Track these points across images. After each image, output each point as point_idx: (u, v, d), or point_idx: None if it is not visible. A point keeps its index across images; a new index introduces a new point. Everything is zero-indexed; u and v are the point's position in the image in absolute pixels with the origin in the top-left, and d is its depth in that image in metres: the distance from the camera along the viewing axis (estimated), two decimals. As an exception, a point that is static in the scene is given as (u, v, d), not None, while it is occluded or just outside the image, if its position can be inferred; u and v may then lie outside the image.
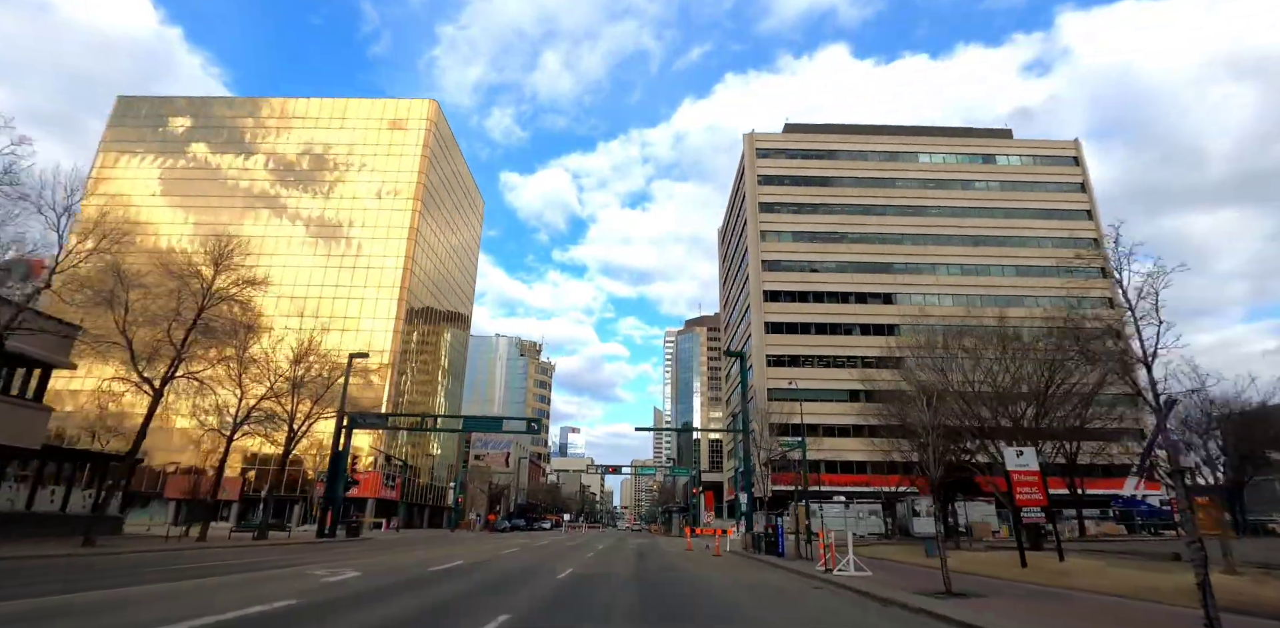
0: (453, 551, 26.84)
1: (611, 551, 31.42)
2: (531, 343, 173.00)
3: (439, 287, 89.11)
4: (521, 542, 37.93)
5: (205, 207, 79.40)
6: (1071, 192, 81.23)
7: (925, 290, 75.33)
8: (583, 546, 35.62)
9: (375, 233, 77.92)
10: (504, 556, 24.23)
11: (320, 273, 76.03)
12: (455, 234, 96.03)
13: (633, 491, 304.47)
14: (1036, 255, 76.55)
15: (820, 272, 76.48)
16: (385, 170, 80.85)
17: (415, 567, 17.52)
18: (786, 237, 77.85)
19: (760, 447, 50.21)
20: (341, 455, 38.75)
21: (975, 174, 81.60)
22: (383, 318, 73.46)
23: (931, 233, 78.35)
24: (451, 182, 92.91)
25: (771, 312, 74.21)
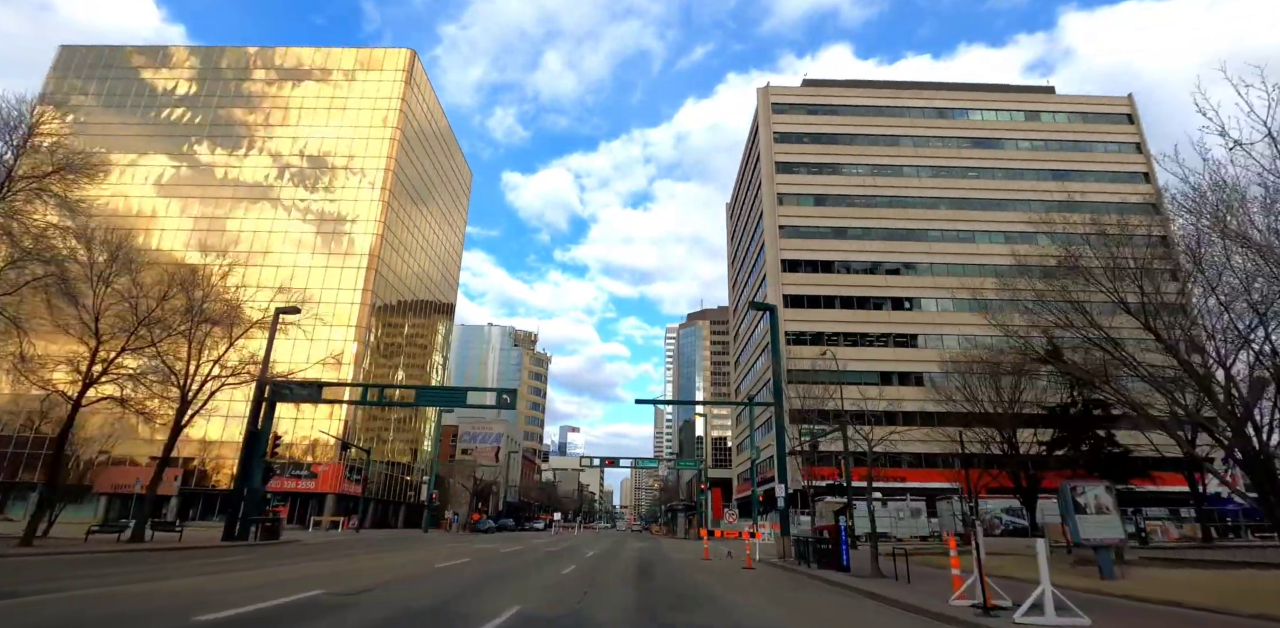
0: (359, 565, 18.09)
1: (603, 562, 22.64)
2: (526, 333, 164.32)
3: (417, 260, 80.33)
4: (487, 548, 29.18)
5: (152, 165, 70.60)
6: (1126, 152, 72.39)
7: (965, 259, 66.45)
8: (567, 553, 26.86)
9: (342, 195, 69.11)
10: (429, 574, 15.50)
11: (280, 238, 67.25)
12: (437, 201, 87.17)
13: (633, 489, 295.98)
14: (1091, 223, 67.49)
15: (845, 239, 67.66)
16: (355, 126, 72.04)
17: (187, 604, 8.73)
18: (807, 200, 69.02)
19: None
20: (259, 436, 30.02)
21: (1018, 133, 72.75)
22: (349, 289, 64.65)
23: (971, 196, 69.53)
24: (432, 143, 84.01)
25: (790, 283, 65.40)
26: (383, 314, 68.48)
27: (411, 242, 76.53)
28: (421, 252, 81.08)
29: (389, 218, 69.37)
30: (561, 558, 23.12)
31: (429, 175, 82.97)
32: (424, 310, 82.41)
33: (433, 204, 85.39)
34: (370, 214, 67.86)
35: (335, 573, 14.93)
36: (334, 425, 59.97)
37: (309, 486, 58.50)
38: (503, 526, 79.65)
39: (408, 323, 76.67)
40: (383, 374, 70.44)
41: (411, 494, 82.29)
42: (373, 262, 65.91)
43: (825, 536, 21.38)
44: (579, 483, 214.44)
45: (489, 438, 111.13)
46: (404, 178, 73.98)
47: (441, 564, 18.02)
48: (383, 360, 70.32)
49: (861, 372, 62.65)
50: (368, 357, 66.95)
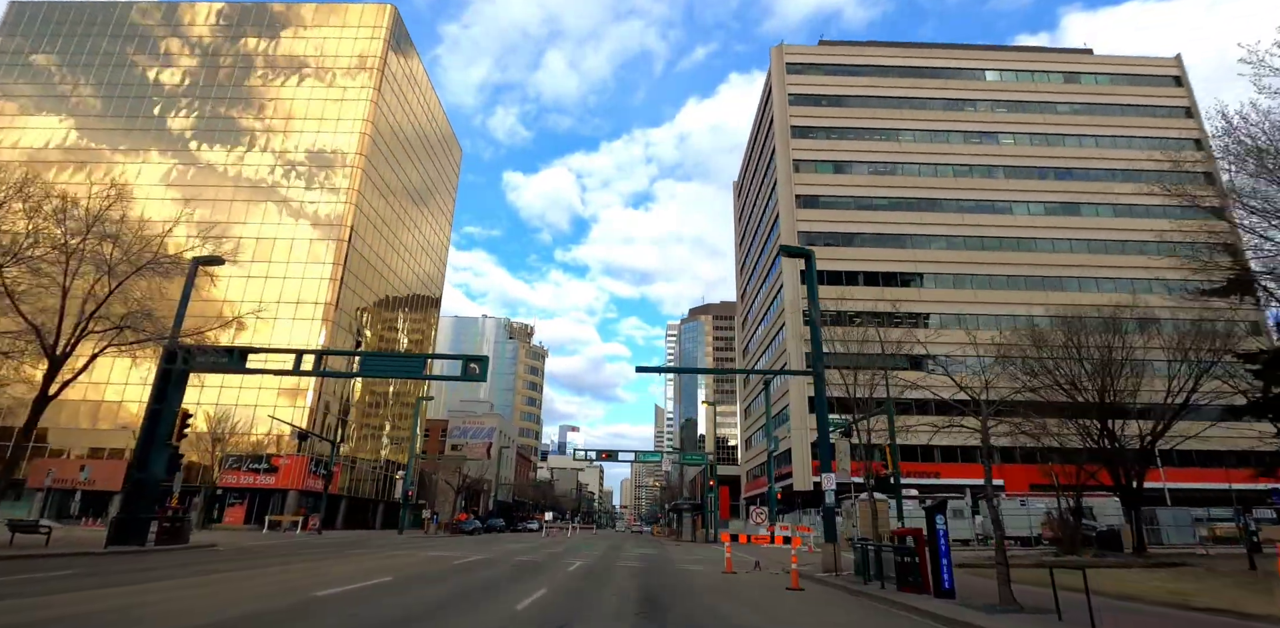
0: (241, 587, 11.63)
1: (591, 580, 16.20)
2: (522, 326, 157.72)
3: (399, 236, 73.86)
4: (443, 556, 22.76)
5: (109, 129, 64.18)
6: (1175, 117, 65.87)
7: (1003, 231, 59.98)
8: (546, 564, 20.47)
9: (315, 160, 62.63)
10: (290, 610, 9.05)
11: (243, 208, 60.78)
12: (419, 171, 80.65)
13: (632, 488, 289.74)
14: (1140, 192, 61.02)
15: (870, 209, 61.17)
16: (328, 85, 65.57)
17: None
18: (826, 168, 62.53)
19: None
20: (161, 415, 23.59)
21: (1057, 95, 66.23)
22: (317, 263, 58.18)
23: (1007, 164, 63.06)
24: (415, 110, 77.51)
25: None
26: (358, 293, 62.02)
27: (391, 215, 70.02)
28: (405, 229, 74.61)
29: (365, 187, 62.92)
30: (533, 574, 16.66)
31: (413, 146, 76.53)
32: (409, 296, 75.93)
33: (417, 178, 78.95)
34: (343, 182, 61.41)
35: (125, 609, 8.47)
36: (298, 414, 53.48)
37: (268, 481, 52.03)
38: (491, 526, 73.13)
39: (395, 314, 70.22)
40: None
41: (392, 493, 75.83)
42: (345, 234, 59.43)
43: (908, 543, 14.92)
44: (577, 482, 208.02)
45: (480, 433, 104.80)
46: (383, 145, 67.56)
47: (329, 592, 11.56)
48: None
49: (889, 356, 56.23)
50: (343, 342, 60.52)
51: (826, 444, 22.62)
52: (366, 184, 63.17)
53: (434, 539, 39.78)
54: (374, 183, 65.08)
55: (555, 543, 37.60)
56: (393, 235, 70.47)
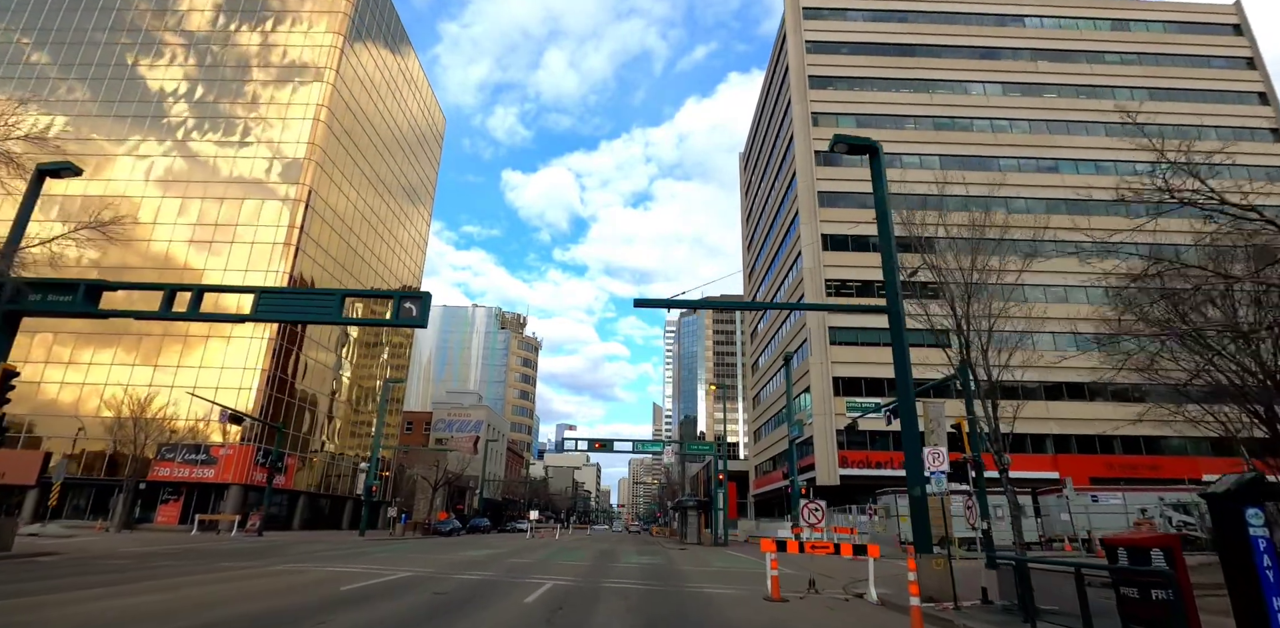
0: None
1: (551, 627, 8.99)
2: (515, 316, 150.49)
3: (370, 203, 66.73)
4: (360, 571, 15.72)
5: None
6: (1236, 69, 58.93)
7: (1047, 192, 53.02)
8: (503, 586, 13.49)
9: (268, 112, 55.37)
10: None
11: (187, 164, 53.55)
12: (399, 142, 73.47)
13: (630, 486, 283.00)
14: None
15: (897, 167, 54.12)
16: (291, 28, 58.31)
17: None
18: (848, 121, 55.45)
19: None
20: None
21: (1104, 43, 59.19)
22: (270, 226, 50.91)
23: (1050, 118, 56.08)
24: (388, 62, 70.27)
25: (830, 220, 51.85)
26: (322, 283, 54.84)
27: (360, 178, 62.79)
28: (378, 197, 67.41)
29: (330, 146, 55.73)
30: (459, 613, 9.59)
31: (385, 97, 69.32)
32: (386, 270, 68.74)
33: (394, 144, 71.72)
34: (301, 135, 54.16)
35: None
36: (242, 397, 46.33)
37: (206, 474, 44.88)
38: (476, 526, 66.12)
39: (368, 305, 63.06)
40: (362, 378, 56.97)
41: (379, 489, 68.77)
42: (303, 194, 52.20)
43: (1153, 562, 7.88)
44: (574, 481, 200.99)
45: (467, 426, 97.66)
46: (349, 92, 60.36)
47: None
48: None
49: (917, 330, 49.22)
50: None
51: (911, 407, 15.62)
52: (332, 144, 55.97)
53: (391, 543, 32.72)
54: (341, 141, 57.89)
55: (536, 548, 30.55)
56: (362, 222, 63.30)
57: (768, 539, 14.35)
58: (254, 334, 47.76)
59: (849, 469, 44.87)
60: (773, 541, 14.31)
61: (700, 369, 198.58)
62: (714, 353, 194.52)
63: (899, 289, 16.75)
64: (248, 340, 47.76)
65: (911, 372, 16.08)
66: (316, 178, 53.57)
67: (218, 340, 48.06)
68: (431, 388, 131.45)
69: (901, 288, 16.57)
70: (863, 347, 48.45)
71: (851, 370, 47.65)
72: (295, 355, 53.67)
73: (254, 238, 50.31)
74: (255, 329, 47.50)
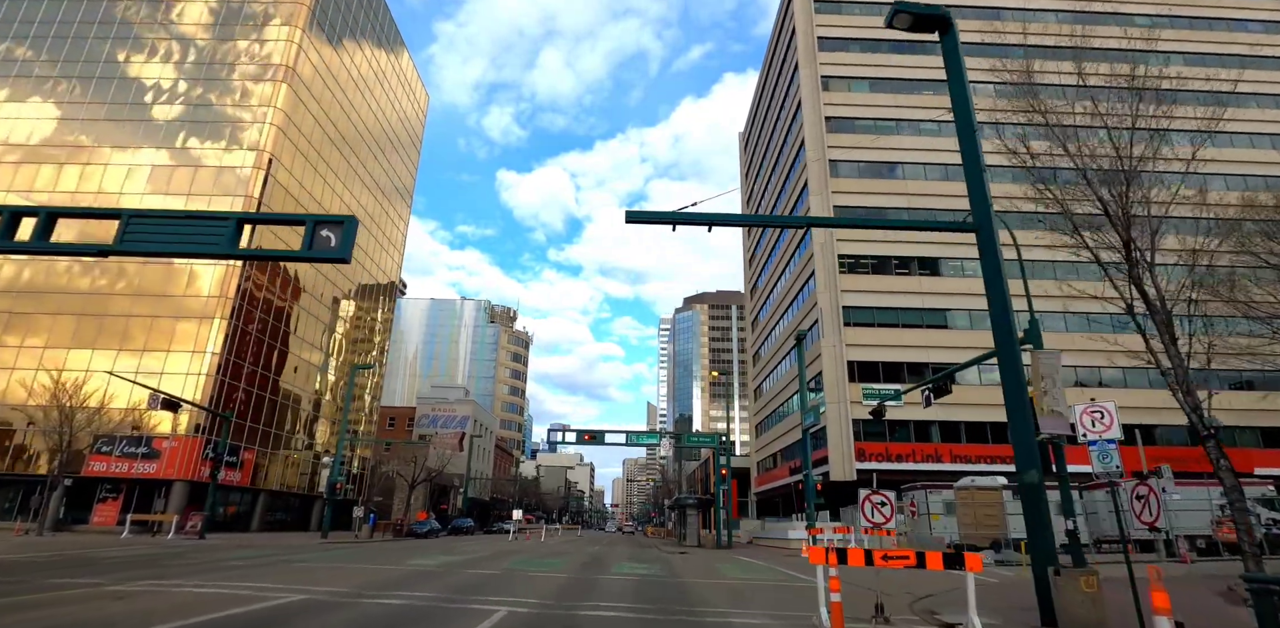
0: None
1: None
2: (505, 309, 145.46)
3: (342, 176, 61.93)
4: (221, 594, 11.04)
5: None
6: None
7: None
8: (423, 619, 8.71)
9: (211, 73, 50.48)
10: None
11: (126, 128, 48.68)
12: (374, 111, 68.65)
13: (624, 486, 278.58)
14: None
15: (920, 134, 49.71)
16: None
17: None
18: (861, 86, 50.96)
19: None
20: None
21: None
22: (223, 194, 46.10)
23: (1096, 84, 51.65)
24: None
25: (844, 191, 47.34)
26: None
27: (331, 169, 57.96)
28: (357, 190, 62.60)
29: (293, 108, 50.91)
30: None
31: (356, 87, 64.50)
32: (356, 287, 63.88)
33: (369, 130, 66.94)
34: (264, 97, 49.33)
35: None
36: (190, 383, 41.51)
37: (147, 469, 40.03)
38: (457, 527, 61.46)
39: (342, 304, 58.24)
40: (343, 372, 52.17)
41: (346, 486, 64.08)
42: (263, 161, 47.33)
43: None
44: (566, 480, 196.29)
45: (452, 421, 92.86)
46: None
47: None
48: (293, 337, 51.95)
49: (938, 310, 44.92)
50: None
51: (1014, 358, 11.06)
52: (298, 109, 51.17)
53: (342, 548, 28.04)
54: (306, 104, 53.07)
55: (511, 553, 25.90)
56: (334, 179, 58.45)
57: (816, 548, 9.75)
58: (205, 313, 42.97)
59: (867, 463, 40.31)
60: (822, 549, 9.70)
61: (696, 365, 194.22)
62: (709, 349, 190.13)
63: (988, 193, 12.29)
64: (196, 323, 42.93)
65: (1011, 309, 11.54)
66: (278, 144, 48.77)
67: (165, 322, 43.20)
68: (418, 384, 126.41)
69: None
70: (880, 328, 43.94)
71: (868, 354, 43.12)
72: (278, 350, 49.08)
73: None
74: (207, 306, 42.81)
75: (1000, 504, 23.71)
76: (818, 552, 9.74)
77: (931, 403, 24.81)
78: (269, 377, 48.94)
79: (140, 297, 43.90)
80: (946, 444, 41.28)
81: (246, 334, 45.38)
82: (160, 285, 44.20)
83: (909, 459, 40.64)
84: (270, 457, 49.28)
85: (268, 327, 48.26)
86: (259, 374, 47.11)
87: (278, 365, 50.00)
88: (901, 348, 43.42)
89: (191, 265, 44.35)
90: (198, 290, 43.93)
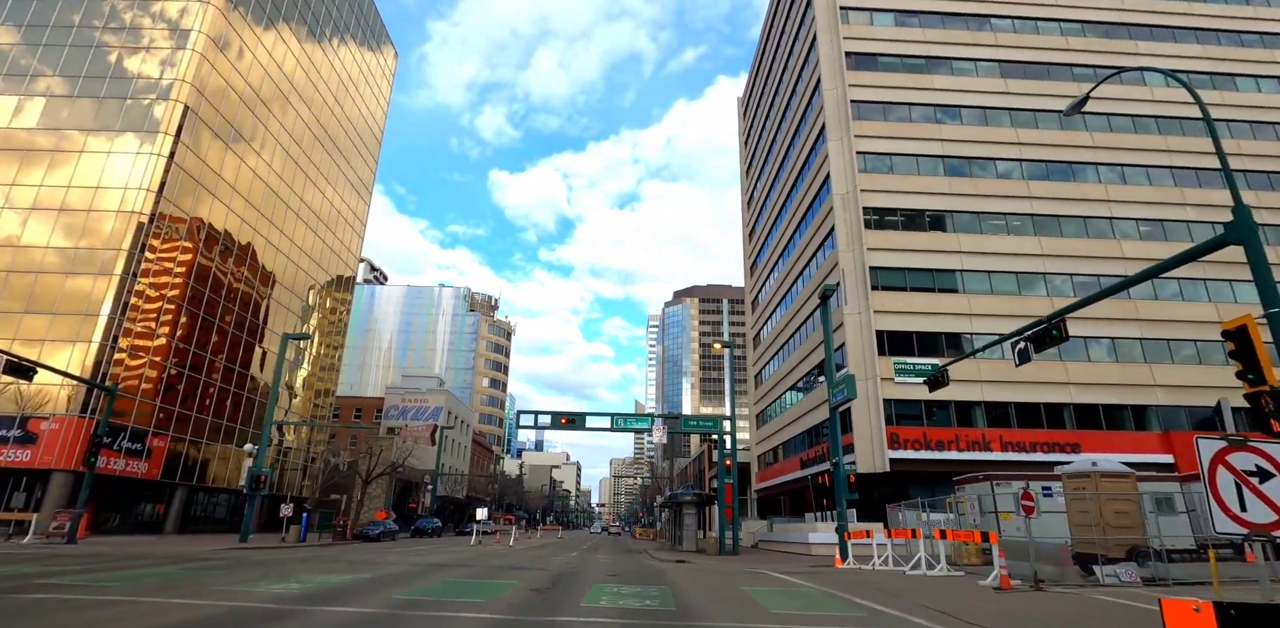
0: None
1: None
2: (486, 297, 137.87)
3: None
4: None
5: None
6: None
7: (1157, 108, 42.38)
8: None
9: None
10: None
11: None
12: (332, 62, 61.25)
13: (611, 485, 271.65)
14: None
15: (951, 73, 43.06)
16: None
17: None
18: (885, 18, 44.22)
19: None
20: None
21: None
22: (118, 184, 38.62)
23: (1150, 22, 45.41)
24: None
25: (867, 134, 40.53)
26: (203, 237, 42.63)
27: (270, 139, 50.43)
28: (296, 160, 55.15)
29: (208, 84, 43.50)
30: None
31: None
32: (293, 269, 56.38)
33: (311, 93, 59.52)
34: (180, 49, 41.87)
35: None
36: (78, 352, 34.02)
37: (20, 457, 32.54)
38: (420, 528, 54.13)
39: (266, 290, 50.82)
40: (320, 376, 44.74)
41: (305, 483, 56.74)
42: (175, 116, 39.86)
43: None
44: (551, 479, 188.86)
45: (424, 413, 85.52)
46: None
47: None
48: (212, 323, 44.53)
49: (983, 272, 38.19)
50: (177, 314, 41.36)
51: None
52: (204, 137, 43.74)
53: (231, 557, 20.84)
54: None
55: (451, 567, 18.79)
56: (280, 187, 50.98)
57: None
58: (94, 268, 35.51)
59: (901, 451, 33.45)
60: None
61: (686, 361, 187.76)
62: (700, 345, 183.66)
63: None
64: (91, 279, 35.44)
65: None
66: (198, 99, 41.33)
67: (51, 278, 35.69)
68: (392, 375, 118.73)
69: None
70: (912, 292, 37.16)
71: (899, 322, 36.30)
72: (215, 327, 41.86)
73: (91, 203, 37.62)
74: (91, 261, 35.40)
75: (1135, 499, 16.92)
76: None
77: (1029, 358, 18.08)
78: (202, 356, 41.62)
79: (20, 248, 36.37)
80: (996, 429, 34.49)
81: (157, 299, 37.93)
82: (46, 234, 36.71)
83: (951, 447, 33.83)
84: (199, 448, 41.89)
85: (202, 298, 41.00)
86: (179, 348, 39.66)
87: (215, 346, 42.75)
88: (940, 315, 36.64)
89: (89, 213, 36.83)
90: (92, 239, 36.41)
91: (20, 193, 36.87)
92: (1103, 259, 38.03)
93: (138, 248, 36.42)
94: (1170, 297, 37.90)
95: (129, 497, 37.55)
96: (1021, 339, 17.96)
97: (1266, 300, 10.43)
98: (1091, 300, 15.58)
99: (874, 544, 21.47)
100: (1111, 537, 16.28)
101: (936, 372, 22.99)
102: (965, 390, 34.47)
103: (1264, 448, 7.02)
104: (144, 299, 36.79)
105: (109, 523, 36.16)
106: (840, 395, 26.60)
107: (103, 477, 33.14)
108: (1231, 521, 6.83)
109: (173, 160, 38.78)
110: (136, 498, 38.25)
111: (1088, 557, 16.36)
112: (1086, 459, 22.46)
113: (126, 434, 35.25)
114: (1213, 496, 7.02)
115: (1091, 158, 40.78)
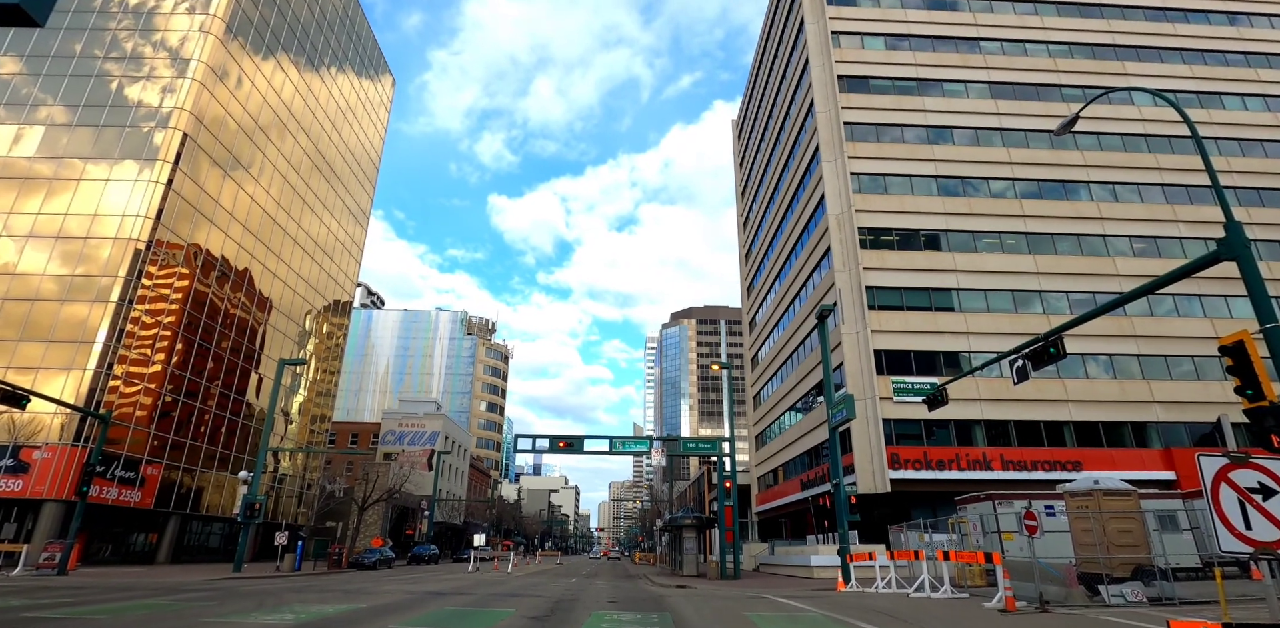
0: None
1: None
2: (483, 321, 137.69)
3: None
4: None
5: None
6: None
7: (1141, 127, 42.88)
8: None
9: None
10: None
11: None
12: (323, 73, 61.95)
13: (610, 510, 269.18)
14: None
15: (942, 95, 43.65)
16: None
17: None
18: (875, 42, 44.98)
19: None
20: None
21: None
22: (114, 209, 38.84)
23: (1136, 44, 46.21)
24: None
25: (861, 155, 40.93)
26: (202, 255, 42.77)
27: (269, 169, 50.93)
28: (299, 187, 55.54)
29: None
30: None
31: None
32: (289, 296, 56.62)
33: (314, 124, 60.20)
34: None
35: None
36: (72, 381, 33.81)
37: (12, 487, 32.12)
38: (417, 555, 53.32)
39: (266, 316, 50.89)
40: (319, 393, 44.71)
41: (300, 510, 55.97)
42: (174, 137, 40.18)
43: None
44: (549, 504, 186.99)
45: (420, 438, 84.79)
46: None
47: None
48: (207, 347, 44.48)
49: (979, 290, 38.27)
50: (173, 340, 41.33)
51: None
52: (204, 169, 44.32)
53: (222, 588, 20.46)
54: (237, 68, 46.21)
55: (444, 597, 18.48)
56: (281, 216, 51.40)
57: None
58: (90, 296, 35.47)
59: (902, 471, 33.19)
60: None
61: (684, 383, 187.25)
62: (698, 366, 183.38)
63: None
64: (87, 306, 35.38)
65: None
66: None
67: (46, 305, 35.61)
68: (389, 401, 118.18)
69: None
70: (909, 312, 37.20)
71: (897, 342, 36.28)
72: (211, 355, 41.69)
73: (88, 230, 38.00)
74: (88, 288, 35.35)
75: (1139, 517, 16.75)
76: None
77: (1027, 376, 18.02)
78: (198, 383, 41.38)
79: (17, 276, 36.36)
80: (996, 448, 34.28)
81: (153, 326, 37.84)
82: (42, 261, 36.73)
83: (952, 466, 33.59)
84: (194, 476, 41.42)
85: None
86: (175, 375, 39.44)
87: (210, 372, 42.56)
88: (937, 335, 36.64)
89: (86, 240, 36.91)
90: (89, 266, 36.42)
91: (18, 221, 36.98)
92: (1098, 276, 38.21)
93: (134, 275, 36.41)
94: (1166, 313, 37.97)
95: (122, 526, 37.04)
96: (1019, 357, 17.93)
97: (1262, 316, 10.46)
98: (1088, 317, 15.59)
99: (876, 567, 21.16)
100: (1116, 556, 16.07)
101: (935, 391, 22.90)
102: (965, 409, 34.35)
103: (1266, 465, 6.98)
104: (140, 326, 36.68)
105: (101, 554, 35.61)
106: (839, 416, 26.42)
107: (95, 506, 32.71)
108: (1237, 539, 6.74)
109: (171, 187, 39.01)
110: (129, 528, 37.73)
111: (1092, 576, 16.14)
112: (1088, 477, 22.28)
113: (120, 463, 34.87)
114: (1217, 514, 6.95)
115: (1083, 176, 41.18)
